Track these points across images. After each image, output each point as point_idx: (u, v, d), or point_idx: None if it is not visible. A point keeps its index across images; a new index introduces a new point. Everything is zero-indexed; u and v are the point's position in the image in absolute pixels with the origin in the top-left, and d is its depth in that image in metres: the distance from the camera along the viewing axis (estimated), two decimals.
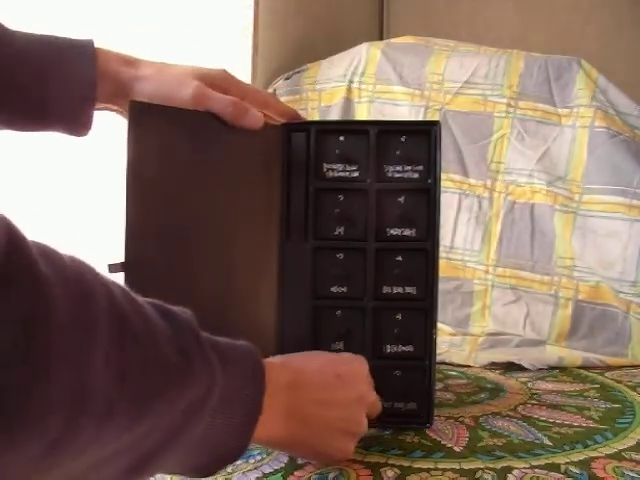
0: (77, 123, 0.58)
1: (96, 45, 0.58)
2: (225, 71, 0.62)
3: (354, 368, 0.53)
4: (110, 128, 0.63)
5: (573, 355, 0.97)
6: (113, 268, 0.53)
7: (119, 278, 0.53)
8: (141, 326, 0.34)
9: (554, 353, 0.98)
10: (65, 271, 0.30)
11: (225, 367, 0.40)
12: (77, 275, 0.31)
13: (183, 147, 0.56)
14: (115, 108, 0.60)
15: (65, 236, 0.92)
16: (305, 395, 0.48)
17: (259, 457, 0.55)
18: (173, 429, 0.36)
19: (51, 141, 0.88)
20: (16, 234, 0.28)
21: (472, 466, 0.53)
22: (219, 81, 0.60)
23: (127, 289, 0.36)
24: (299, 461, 0.54)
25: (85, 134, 0.59)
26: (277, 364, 0.48)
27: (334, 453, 0.51)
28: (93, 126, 0.59)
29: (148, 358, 0.34)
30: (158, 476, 0.51)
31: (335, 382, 0.50)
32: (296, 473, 0.52)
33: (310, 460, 0.54)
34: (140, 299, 0.36)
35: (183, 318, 0.39)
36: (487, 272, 1.13)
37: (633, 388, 0.79)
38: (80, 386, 0.30)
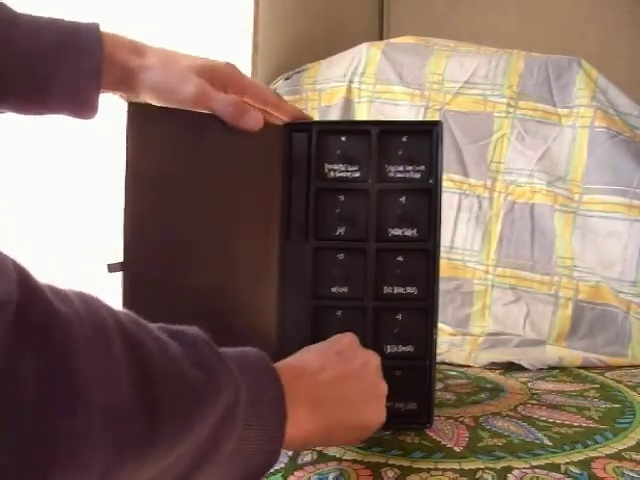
0: (82, 108, 0.58)
1: (103, 29, 0.57)
2: (229, 65, 0.61)
3: (346, 342, 0.54)
4: (109, 128, 0.63)
5: (573, 355, 0.97)
6: (112, 267, 0.53)
7: (118, 277, 0.53)
8: (154, 346, 0.34)
9: (554, 353, 0.98)
10: (74, 305, 0.31)
11: (242, 373, 0.40)
12: (86, 306, 0.31)
13: (182, 148, 0.56)
14: (119, 94, 0.60)
15: (64, 236, 0.92)
16: (316, 380, 0.49)
17: None
18: (208, 444, 0.36)
19: (50, 141, 0.88)
20: (27, 276, 0.28)
21: (472, 466, 0.53)
22: (221, 76, 0.60)
23: (131, 313, 0.36)
24: (299, 461, 0.54)
25: (91, 117, 0.59)
26: (278, 365, 0.48)
27: (369, 421, 0.51)
28: (100, 111, 0.59)
29: (170, 376, 0.34)
30: None
31: (337, 359, 0.51)
32: (296, 473, 0.52)
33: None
34: (144, 322, 0.36)
35: (191, 333, 0.39)
36: (487, 272, 1.13)
37: (633, 388, 0.79)
38: (116, 410, 0.30)
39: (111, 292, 0.57)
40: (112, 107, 0.60)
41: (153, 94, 0.58)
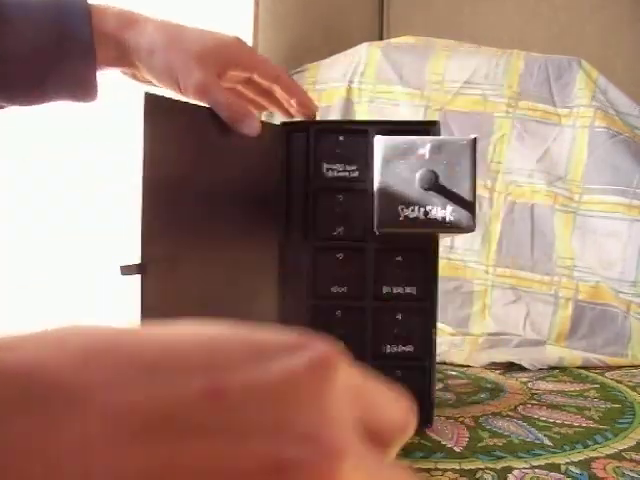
0: (82, 91, 0.56)
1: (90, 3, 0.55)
2: (238, 41, 0.59)
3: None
4: (125, 127, 0.61)
5: (573, 355, 0.97)
6: (126, 270, 0.49)
7: (131, 280, 0.50)
8: None
9: (554, 353, 0.98)
10: None
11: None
12: None
13: (190, 144, 0.55)
14: (121, 70, 0.58)
15: (78, 237, 0.91)
16: None
17: None
18: None
19: (66, 141, 0.88)
20: None
21: (472, 466, 0.53)
22: (228, 55, 0.57)
23: None
24: None
25: (93, 100, 0.57)
26: None
27: None
28: (102, 93, 0.57)
29: None
30: None
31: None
32: None
33: None
34: None
35: None
36: (487, 272, 1.13)
37: (633, 388, 0.79)
38: None
39: (125, 294, 0.54)
40: (120, 110, 0.59)
41: (153, 78, 0.56)
